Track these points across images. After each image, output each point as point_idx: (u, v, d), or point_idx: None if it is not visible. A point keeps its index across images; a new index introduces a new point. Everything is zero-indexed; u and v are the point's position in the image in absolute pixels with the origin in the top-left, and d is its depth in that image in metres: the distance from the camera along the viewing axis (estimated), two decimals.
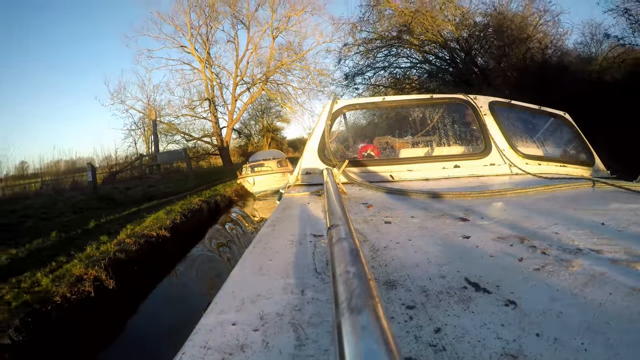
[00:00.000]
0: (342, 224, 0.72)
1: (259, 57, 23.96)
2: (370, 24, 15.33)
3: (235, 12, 22.71)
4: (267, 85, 24.31)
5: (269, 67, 23.51)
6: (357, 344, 0.31)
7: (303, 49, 23.49)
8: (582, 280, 0.74)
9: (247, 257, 1.01)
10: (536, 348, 0.53)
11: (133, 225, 6.09)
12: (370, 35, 15.67)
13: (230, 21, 23.30)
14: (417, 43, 14.59)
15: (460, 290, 0.73)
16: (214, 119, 24.10)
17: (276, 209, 1.67)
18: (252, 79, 24.29)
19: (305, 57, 23.54)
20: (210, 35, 23.30)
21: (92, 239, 5.34)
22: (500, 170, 2.32)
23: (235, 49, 24.06)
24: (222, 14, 22.54)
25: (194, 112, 24.14)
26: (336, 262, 0.52)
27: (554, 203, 1.50)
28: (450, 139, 2.73)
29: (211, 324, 0.66)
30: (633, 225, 1.09)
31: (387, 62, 16.28)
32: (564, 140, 2.73)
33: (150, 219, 6.62)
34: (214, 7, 22.07)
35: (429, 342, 0.56)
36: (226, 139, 24.27)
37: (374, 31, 15.39)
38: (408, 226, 1.22)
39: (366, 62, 16.31)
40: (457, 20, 13.71)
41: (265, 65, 23.65)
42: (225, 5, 22.36)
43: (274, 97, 25.49)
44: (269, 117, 30.50)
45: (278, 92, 24.83)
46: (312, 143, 2.37)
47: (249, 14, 22.88)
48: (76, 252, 4.65)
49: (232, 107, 23.93)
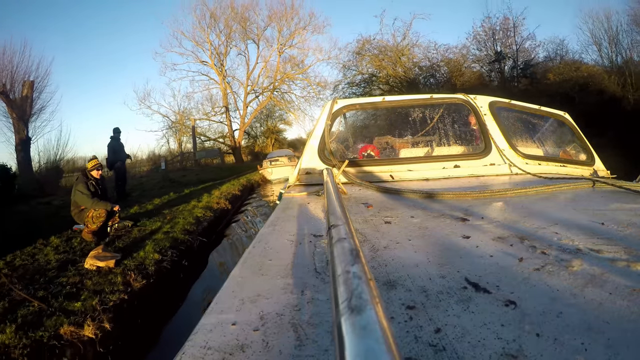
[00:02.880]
0: (342, 224, 0.72)
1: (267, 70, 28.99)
2: (355, 65, 24.67)
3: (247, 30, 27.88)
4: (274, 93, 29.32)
5: (276, 79, 28.47)
6: (357, 344, 0.31)
7: (305, 63, 28.56)
8: (582, 280, 0.74)
9: (247, 257, 1.01)
10: (536, 348, 0.53)
11: (214, 191, 10.14)
12: (354, 72, 25.09)
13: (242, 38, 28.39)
14: (383, 80, 23.82)
15: (460, 290, 0.73)
16: (229, 123, 29.13)
17: (276, 209, 1.66)
18: (261, 88, 29.50)
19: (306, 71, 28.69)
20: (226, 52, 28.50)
21: (198, 195, 9.41)
22: (500, 170, 2.31)
23: (246, 62, 29.10)
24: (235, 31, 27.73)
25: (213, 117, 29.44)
26: (336, 262, 0.52)
27: (554, 203, 1.50)
28: (450, 139, 2.73)
29: (211, 324, 0.66)
30: (633, 225, 1.09)
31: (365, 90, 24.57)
32: (564, 140, 2.73)
33: (223, 187, 11.21)
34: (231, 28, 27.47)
35: (429, 342, 0.56)
36: (238, 140, 28.89)
37: (357, 69, 24.78)
38: (408, 226, 1.22)
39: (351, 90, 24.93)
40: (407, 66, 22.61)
41: (273, 77, 28.62)
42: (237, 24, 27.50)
43: (280, 105, 30.42)
44: (273, 121, 34.53)
45: (283, 100, 29.82)
46: (312, 143, 2.36)
47: (259, 32, 28.12)
48: (201, 197, 9.01)
49: (243, 112, 29.18)
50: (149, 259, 4.26)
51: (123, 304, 3.32)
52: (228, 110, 28.76)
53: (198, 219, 6.68)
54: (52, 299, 3.16)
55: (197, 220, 6.59)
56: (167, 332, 3.51)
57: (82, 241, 4.83)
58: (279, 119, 34.49)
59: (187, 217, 6.55)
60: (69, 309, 3.02)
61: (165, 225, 5.87)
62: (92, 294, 3.30)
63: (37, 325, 2.74)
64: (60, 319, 2.85)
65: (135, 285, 3.66)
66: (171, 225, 5.86)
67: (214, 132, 29.99)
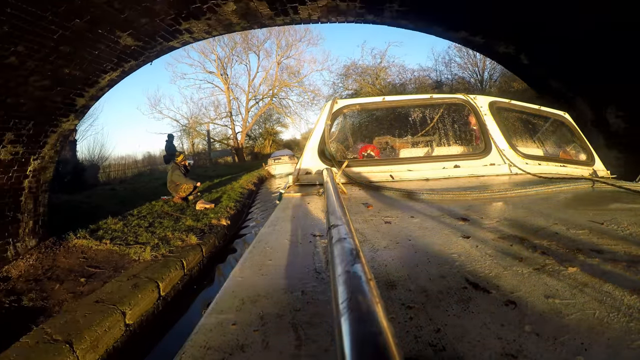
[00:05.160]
0: (342, 224, 0.72)
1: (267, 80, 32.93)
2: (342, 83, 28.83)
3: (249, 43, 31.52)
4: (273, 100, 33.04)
5: (275, 86, 32.35)
6: (357, 344, 0.31)
7: (301, 73, 32.84)
8: (582, 280, 0.74)
9: (247, 257, 1.01)
10: (536, 348, 0.53)
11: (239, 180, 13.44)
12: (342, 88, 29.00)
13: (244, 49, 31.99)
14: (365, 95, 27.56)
15: (460, 290, 0.73)
16: (232, 126, 32.82)
17: (276, 209, 1.66)
18: (261, 95, 33.57)
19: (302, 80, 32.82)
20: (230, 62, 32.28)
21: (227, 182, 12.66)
22: (500, 170, 2.31)
23: (248, 71, 34.63)
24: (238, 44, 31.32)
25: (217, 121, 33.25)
26: (336, 262, 0.52)
27: (554, 203, 1.50)
28: (450, 139, 2.73)
29: (211, 324, 0.66)
30: (633, 225, 1.09)
31: None
32: (564, 140, 2.72)
33: (242, 178, 14.32)
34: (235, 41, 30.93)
35: (429, 342, 0.56)
36: (241, 142, 32.45)
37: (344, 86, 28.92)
38: (408, 226, 1.22)
39: None
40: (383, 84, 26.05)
41: (272, 85, 32.53)
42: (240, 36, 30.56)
43: (278, 110, 34.14)
44: (271, 124, 37.22)
45: (281, 105, 33.65)
46: (312, 143, 2.35)
47: (259, 44, 31.85)
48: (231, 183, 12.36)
49: (245, 116, 33.12)
50: (227, 206, 8.08)
51: (223, 218, 7.02)
52: (232, 114, 32.73)
53: (240, 192, 10.50)
54: (192, 218, 6.91)
55: (240, 193, 10.44)
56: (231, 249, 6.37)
57: (174, 204, 8.10)
58: (276, 122, 37.50)
59: (233, 192, 10.32)
60: (205, 220, 6.70)
61: (223, 195, 9.70)
62: (212, 214, 7.14)
63: (201, 219, 6.83)
64: (206, 219, 6.79)
65: (228, 213, 7.54)
66: (227, 195, 9.64)
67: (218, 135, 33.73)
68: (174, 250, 5.07)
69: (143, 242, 5.42)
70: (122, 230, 6.05)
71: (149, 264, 4.55)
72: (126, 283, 3.89)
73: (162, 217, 7.00)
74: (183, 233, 5.77)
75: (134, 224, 6.37)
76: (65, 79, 4.40)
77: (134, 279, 4.00)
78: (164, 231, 5.94)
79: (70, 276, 4.42)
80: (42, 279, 4.38)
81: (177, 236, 5.63)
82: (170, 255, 4.85)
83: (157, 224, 6.44)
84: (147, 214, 7.28)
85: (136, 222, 6.53)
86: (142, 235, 5.72)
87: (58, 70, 4.20)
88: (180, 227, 6.22)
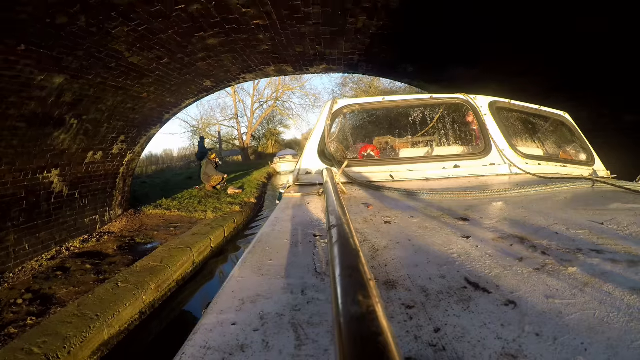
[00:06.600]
0: (342, 224, 0.72)
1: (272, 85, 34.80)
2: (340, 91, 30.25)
3: None
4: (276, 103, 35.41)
5: (278, 90, 34.56)
6: (357, 344, 0.31)
7: (304, 78, 34.70)
8: (582, 280, 0.74)
9: (247, 257, 1.01)
10: (536, 348, 0.53)
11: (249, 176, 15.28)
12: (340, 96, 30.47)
13: None
14: None
15: (460, 290, 0.73)
16: (238, 127, 35.29)
17: (276, 209, 1.66)
18: (266, 98, 35.94)
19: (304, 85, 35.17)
20: None
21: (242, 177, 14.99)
22: (500, 170, 2.31)
23: None
24: None
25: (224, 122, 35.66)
26: (336, 262, 0.52)
27: (554, 203, 1.50)
28: (450, 139, 2.72)
29: (211, 324, 0.66)
30: (633, 225, 1.09)
31: None
32: (564, 140, 2.72)
33: (254, 174, 16.48)
34: None
35: (428, 342, 0.56)
36: (246, 142, 34.55)
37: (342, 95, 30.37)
38: (408, 226, 1.22)
39: None
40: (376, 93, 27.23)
41: (275, 89, 34.72)
42: None
43: (281, 112, 36.30)
44: (274, 125, 38.99)
45: (284, 108, 35.80)
46: (312, 143, 2.35)
47: None
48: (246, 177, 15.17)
49: (250, 118, 35.11)
50: (251, 191, 10.69)
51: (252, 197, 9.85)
52: (237, 116, 35.11)
53: (257, 183, 13.04)
54: (229, 198, 9.53)
55: (257, 184, 13.01)
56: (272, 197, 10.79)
57: (207, 191, 10.26)
58: (279, 123, 39.27)
59: (251, 183, 12.77)
60: (239, 200, 9.25)
61: (245, 184, 12.14)
62: (243, 195, 9.84)
63: (235, 198, 9.47)
64: (239, 198, 9.48)
65: (253, 195, 10.08)
66: (248, 184, 12.26)
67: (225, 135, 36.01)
68: (225, 214, 7.77)
69: (202, 210, 8.01)
70: (179, 205, 8.46)
71: (213, 220, 7.25)
72: (206, 227, 6.64)
73: (205, 197, 9.41)
74: (227, 205, 8.44)
75: (185, 202, 8.82)
76: (164, 104, 6.86)
77: (208, 226, 6.71)
78: (213, 204, 8.56)
79: (160, 229, 6.85)
80: (140, 230, 6.75)
81: (225, 208, 8.26)
82: (225, 215, 7.68)
83: (204, 201, 8.87)
84: (189, 197, 9.45)
85: (187, 200, 8.98)
86: (198, 207, 8.24)
87: (164, 99, 6.65)
88: (222, 203, 8.74)
